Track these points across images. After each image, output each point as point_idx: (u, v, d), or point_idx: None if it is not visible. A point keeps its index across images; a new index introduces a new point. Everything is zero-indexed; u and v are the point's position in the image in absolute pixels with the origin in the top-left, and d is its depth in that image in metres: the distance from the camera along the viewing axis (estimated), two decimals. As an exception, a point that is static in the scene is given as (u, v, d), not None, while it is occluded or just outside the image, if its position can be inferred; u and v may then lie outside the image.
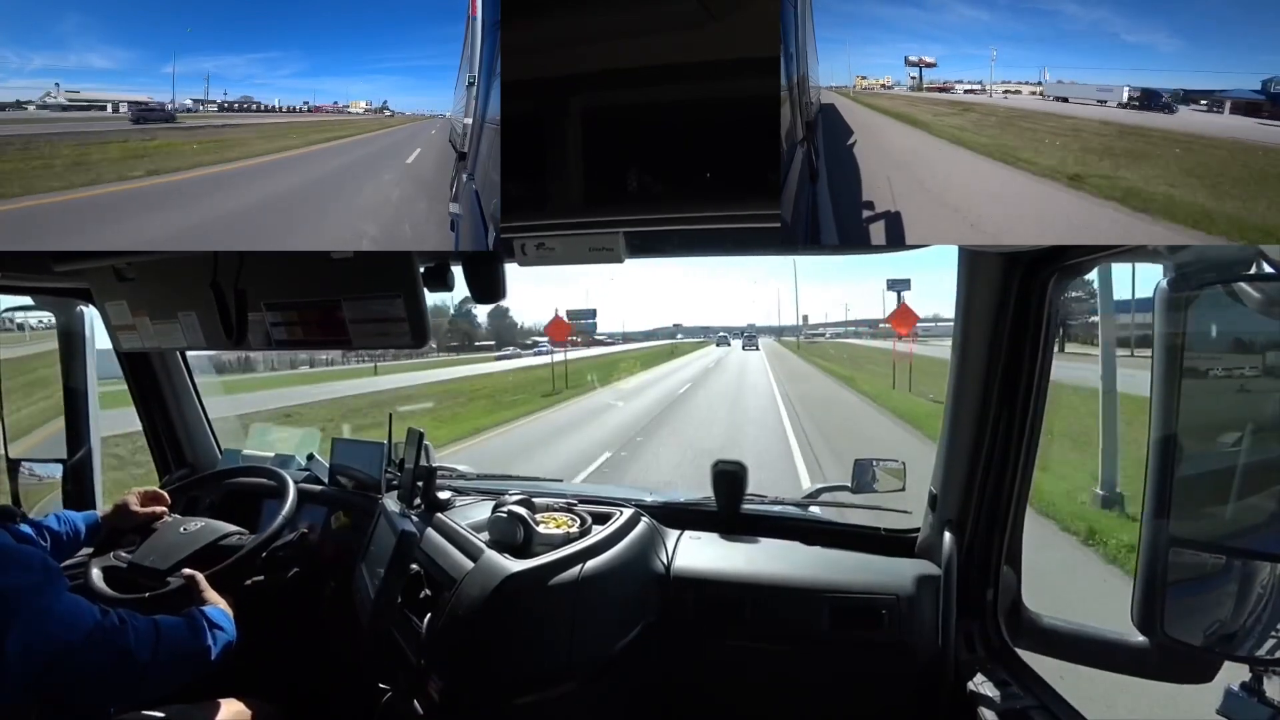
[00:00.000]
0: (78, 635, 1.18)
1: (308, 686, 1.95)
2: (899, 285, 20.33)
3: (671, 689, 1.62)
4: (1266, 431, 1.03)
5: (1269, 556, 1.03)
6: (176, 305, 1.69)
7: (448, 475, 2.17)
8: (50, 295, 2.25)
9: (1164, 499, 1.02)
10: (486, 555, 1.52)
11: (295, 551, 1.96)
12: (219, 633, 1.43)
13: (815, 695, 1.57)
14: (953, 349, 1.47)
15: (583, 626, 1.48)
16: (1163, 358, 1.03)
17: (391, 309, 1.42)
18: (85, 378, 2.33)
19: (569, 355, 27.00)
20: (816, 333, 78.69)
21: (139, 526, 1.84)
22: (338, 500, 2.13)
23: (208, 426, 2.52)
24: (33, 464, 2.36)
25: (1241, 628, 1.04)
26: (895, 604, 1.51)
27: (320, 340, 1.56)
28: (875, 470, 1.84)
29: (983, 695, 1.39)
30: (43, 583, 1.19)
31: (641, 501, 1.87)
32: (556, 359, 24.48)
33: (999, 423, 1.41)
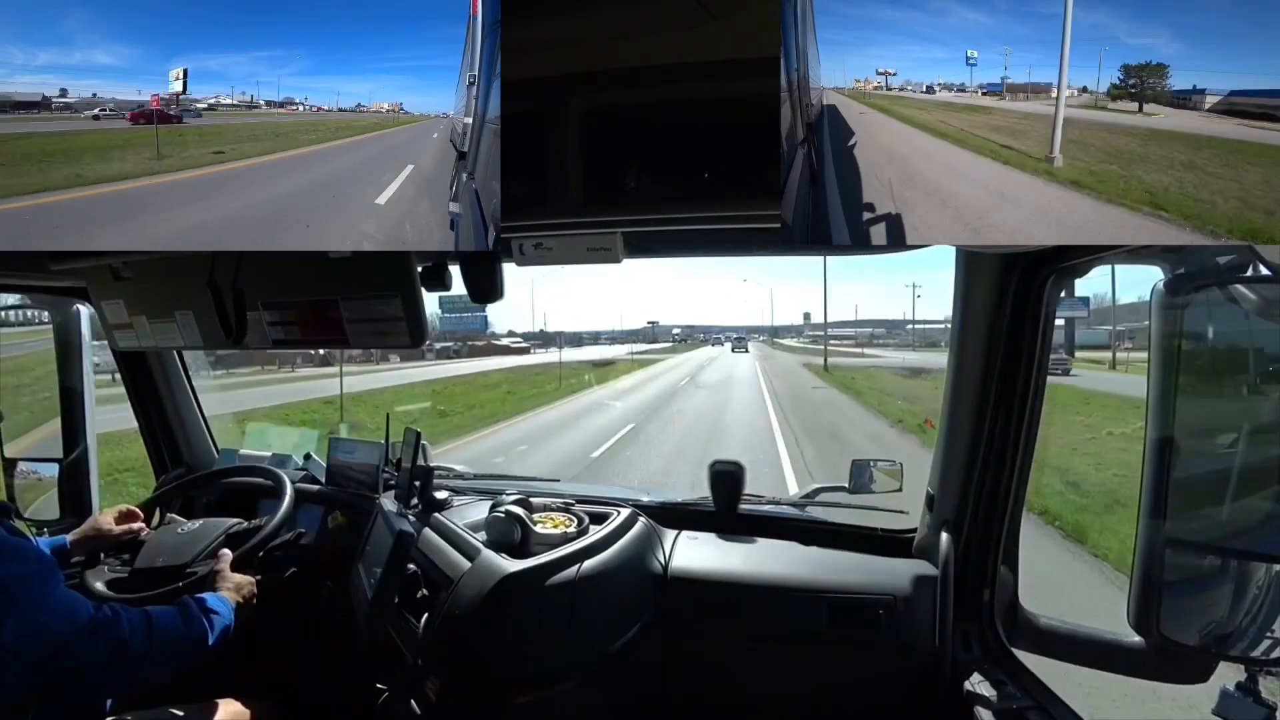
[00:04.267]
0: (74, 628, 1.18)
1: (305, 687, 1.95)
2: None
3: (668, 689, 1.62)
4: (1262, 432, 1.03)
5: (1265, 557, 1.04)
6: (174, 305, 1.69)
7: (445, 475, 2.17)
8: (47, 294, 2.24)
9: (1160, 500, 1.03)
10: (484, 555, 1.52)
11: (292, 551, 1.96)
12: (215, 618, 1.42)
13: (812, 695, 1.58)
14: (950, 349, 1.47)
15: (580, 626, 1.48)
16: (1159, 359, 1.04)
17: (389, 309, 1.42)
18: (82, 377, 2.32)
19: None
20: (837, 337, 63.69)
21: (117, 545, 1.79)
22: (335, 500, 2.13)
23: (204, 426, 2.51)
24: (28, 464, 2.35)
25: (1237, 628, 1.04)
26: (892, 604, 1.51)
27: (318, 340, 1.56)
28: (872, 471, 1.85)
29: (979, 695, 1.39)
30: (38, 574, 1.18)
31: (639, 501, 1.87)
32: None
33: (996, 423, 1.42)
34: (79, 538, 1.74)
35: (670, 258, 1.53)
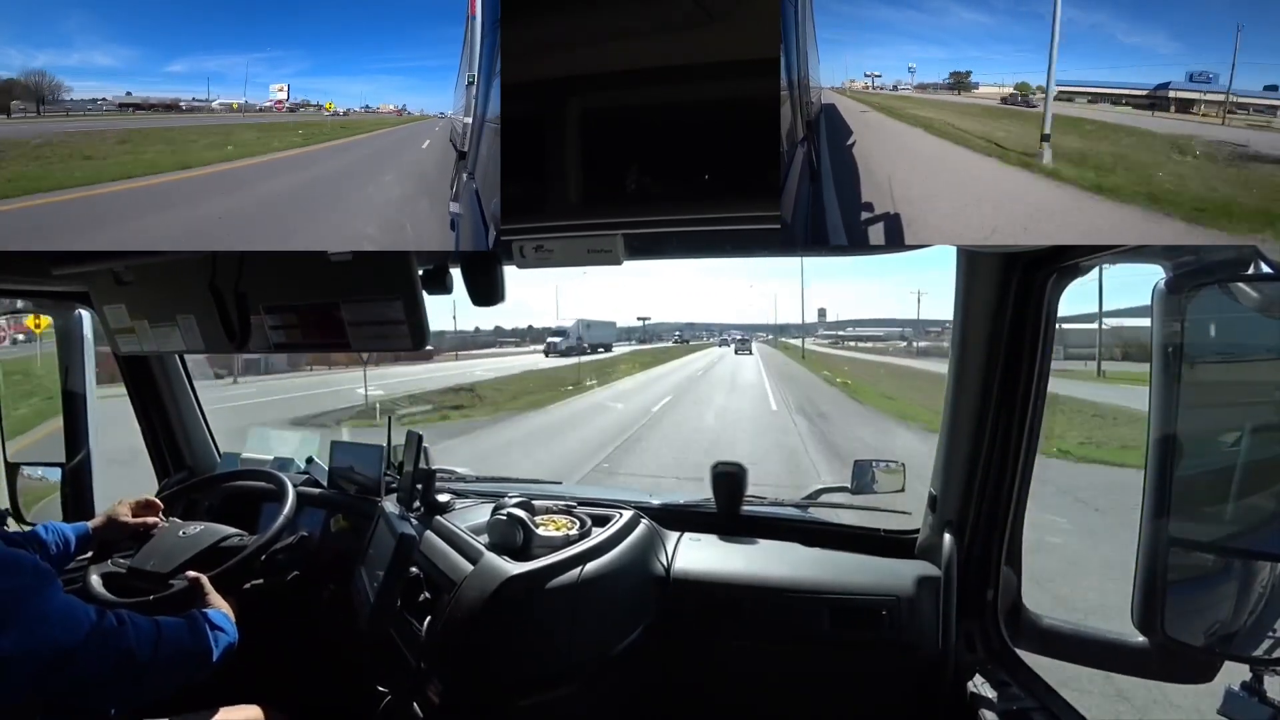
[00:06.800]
0: (76, 638, 1.18)
1: (307, 690, 1.94)
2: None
3: (672, 690, 1.61)
4: (1265, 431, 1.03)
5: (1269, 556, 1.03)
6: (175, 308, 1.69)
7: (447, 478, 2.17)
8: (49, 299, 2.25)
9: (1163, 499, 1.03)
10: (486, 558, 1.52)
11: (294, 554, 1.96)
12: (220, 634, 1.43)
13: (815, 696, 1.57)
14: (951, 349, 1.47)
15: (582, 628, 1.48)
16: (1161, 357, 1.04)
17: (390, 311, 1.41)
18: (84, 382, 2.32)
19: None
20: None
21: (132, 535, 1.82)
22: (337, 503, 2.13)
23: (206, 430, 2.51)
24: (31, 468, 2.35)
25: (1242, 627, 1.04)
26: (895, 605, 1.50)
27: (320, 343, 1.56)
28: (875, 471, 1.84)
29: (982, 696, 1.39)
30: (35, 585, 1.18)
31: (641, 503, 1.87)
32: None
33: (998, 423, 1.41)
34: (99, 525, 1.78)
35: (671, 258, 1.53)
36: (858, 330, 74.18)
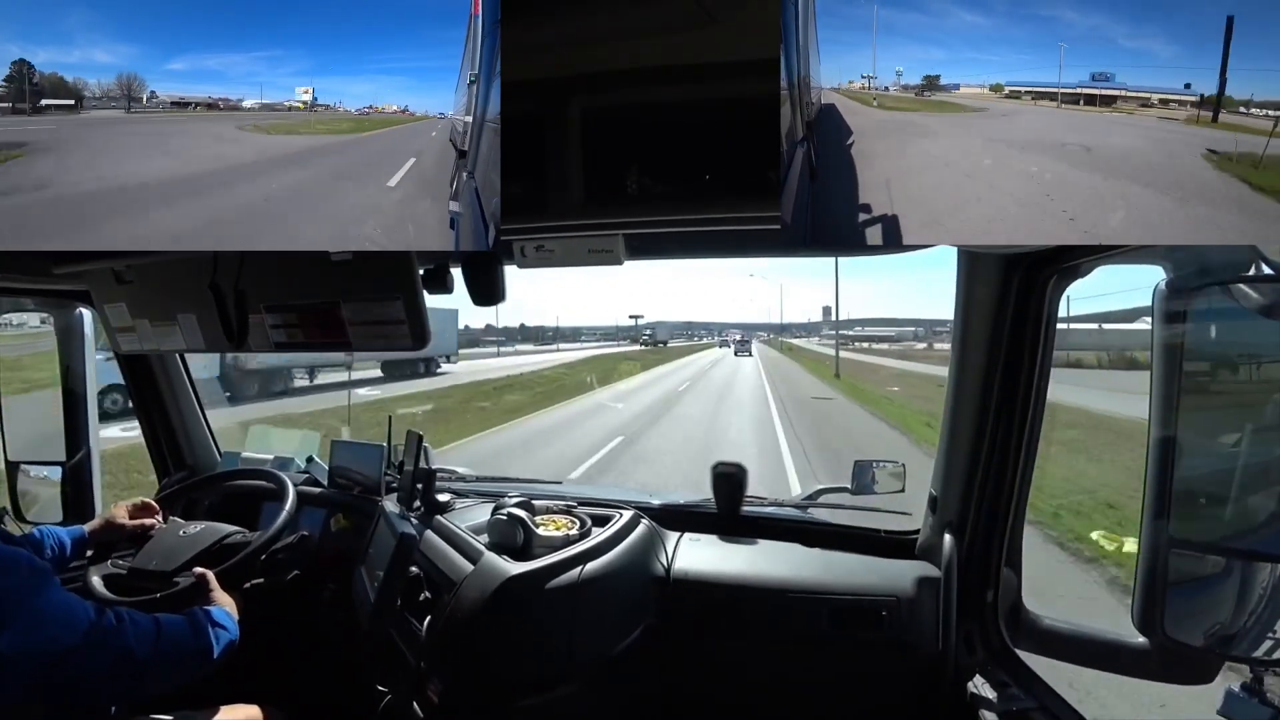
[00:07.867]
0: (75, 636, 1.17)
1: (307, 689, 1.95)
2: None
3: (672, 691, 1.61)
4: (1266, 431, 1.03)
5: (1269, 557, 1.03)
6: (176, 307, 1.69)
7: (447, 477, 2.17)
8: (49, 297, 2.25)
9: (1164, 500, 1.03)
10: (486, 558, 1.52)
11: (295, 554, 1.96)
12: (221, 631, 1.42)
13: (815, 697, 1.57)
14: (952, 350, 1.47)
15: (583, 629, 1.48)
16: (1161, 358, 1.04)
17: (391, 311, 1.41)
18: (84, 381, 2.32)
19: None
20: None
21: (130, 537, 1.81)
22: (337, 503, 2.13)
23: (207, 429, 2.51)
24: (32, 467, 2.35)
25: (1242, 628, 1.04)
26: (895, 605, 1.50)
27: (320, 342, 1.55)
28: (875, 472, 1.85)
29: (982, 696, 1.39)
30: (32, 584, 1.17)
31: (641, 503, 1.87)
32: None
33: (999, 424, 1.41)
34: (95, 528, 1.77)
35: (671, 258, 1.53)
36: (867, 330, 71.97)
